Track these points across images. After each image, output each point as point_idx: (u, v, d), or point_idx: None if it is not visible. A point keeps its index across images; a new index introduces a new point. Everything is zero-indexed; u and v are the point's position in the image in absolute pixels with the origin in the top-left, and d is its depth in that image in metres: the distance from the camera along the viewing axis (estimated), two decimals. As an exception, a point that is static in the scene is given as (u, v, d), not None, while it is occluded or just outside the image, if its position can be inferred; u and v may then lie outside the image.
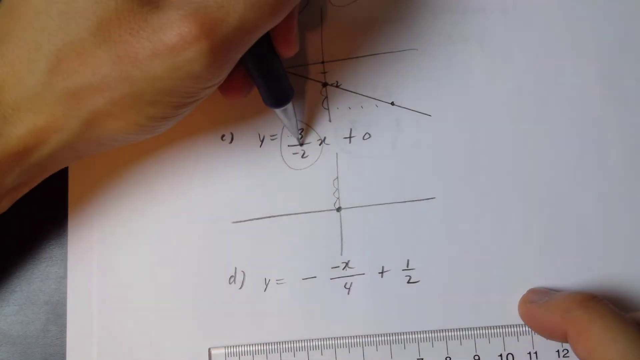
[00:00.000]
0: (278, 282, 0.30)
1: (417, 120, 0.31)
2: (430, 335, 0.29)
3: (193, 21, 0.21)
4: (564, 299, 0.26)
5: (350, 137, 0.31)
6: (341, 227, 0.30)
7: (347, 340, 0.29)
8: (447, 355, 0.29)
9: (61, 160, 0.25)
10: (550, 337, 0.27)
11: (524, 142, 0.30)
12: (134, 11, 0.22)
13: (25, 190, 0.27)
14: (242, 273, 0.30)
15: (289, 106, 0.29)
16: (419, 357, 0.29)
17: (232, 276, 0.30)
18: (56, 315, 0.31)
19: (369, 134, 0.31)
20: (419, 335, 0.29)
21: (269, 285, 0.30)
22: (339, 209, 0.30)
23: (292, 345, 0.29)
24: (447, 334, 0.29)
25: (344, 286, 0.30)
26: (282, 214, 0.30)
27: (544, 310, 0.27)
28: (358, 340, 0.29)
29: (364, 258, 0.30)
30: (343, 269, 0.30)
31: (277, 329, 0.30)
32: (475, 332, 0.29)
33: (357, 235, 0.30)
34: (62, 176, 0.31)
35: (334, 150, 0.31)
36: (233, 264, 0.30)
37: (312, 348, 0.29)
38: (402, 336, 0.29)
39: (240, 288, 0.30)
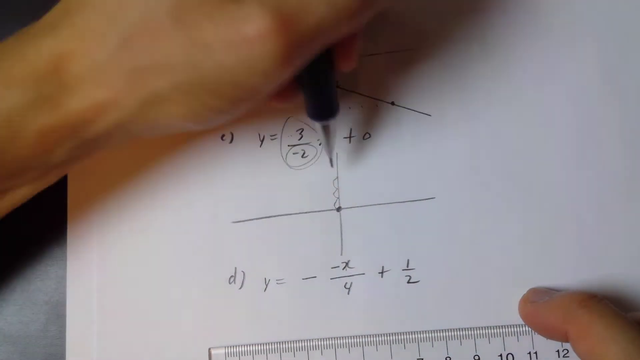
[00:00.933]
0: (278, 282, 0.30)
1: (417, 120, 0.31)
2: (430, 335, 0.29)
3: (273, 16, 0.21)
4: (564, 299, 0.26)
5: (350, 137, 0.31)
6: (341, 227, 0.30)
7: (347, 340, 0.29)
8: (447, 355, 0.29)
9: (113, 139, 0.25)
10: (550, 337, 0.27)
11: (523, 142, 0.30)
12: None
13: (72, 166, 0.27)
14: (242, 273, 0.30)
15: (332, 122, 0.27)
16: (419, 357, 0.29)
17: (232, 276, 0.30)
18: (56, 315, 0.31)
19: (369, 134, 0.31)
20: (419, 335, 0.29)
21: (269, 285, 0.30)
22: (339, 209, 0.30)
23: (292, 345, 0.29)
24: (447, 334, 0.29)
25: (344, 286, 0.30)
26: (282, 214, 0.30)
27: (545, 310, 0.27)
28: (358, 340, 0.29)
29: (364, 258, 0.30)
30: (343, 269, 0.30)
31: (277, 329, 0.30)
32: (475, 332, 0.29)
33: (357, 235, 0.30)
34: (62, 176, 0.31)
35: (334, 150, 0.31)
36: (233, 264, 0.30)
37: (312, 348, 0.29)
38: (402, 336, 0.29)
39: (240, 288, 0.30)
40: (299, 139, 0.31)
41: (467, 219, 0.30)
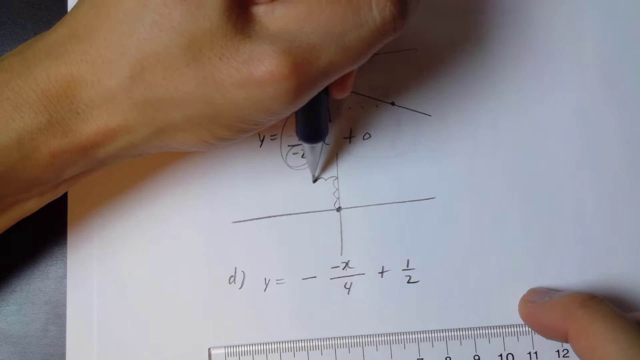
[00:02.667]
0: (278, 282, 0.30)
1: (417, 121, 0.31)
2: (430, 335, 0.29)
3: (285, 59, 0.21)
4: (564, 299, 0.26)
5: (350, 137, 0.31)
6: (341, 227, 0.30)
7: (347, 340, 0.29)
8: (447, 356, 0.29)
9: (123, 157, 0.26)
10: (550, 337, 0.27)
11: (523, 142, 0.30)
12: (228, 37, 0.21)
13: (83, 179, 0.27)
14: (242, 273, 0.30)
15: (319, 145, 0.28)
16: (419, 357, 0.29)
17: (232, 276, 0.30)
18: (56, 315, 0.30)
19: (369, 134, 0.31)
20: (419, 335, 0.29)
21: (269, 285, 0.30)
22: (339, 209, 0.30)
23: (292, 345, 0.29)
24: (447, 334, 0.29)
25: (344, 286, 0.30)
26: (282, 214, 0.30)
27: (545, 310, 0.27)
28: (358, 340, 0.29)
29: (364, 258, 0.30)
30: (343, 269, 0.30)
31: (277, 329, 0.30)
32: (475, 332, 0.29)
33: (357, 235, 0.30)
34: (62, 176, 0.31)
35: (334, 150, 0.31)
36: (233, 264, 0.30)
37: (312, 348, 0.29)
38: (402, 336, 0.29)
39: (240, 288, 0.30)
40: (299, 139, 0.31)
41: (467, 219, 0.30)
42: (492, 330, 0.29)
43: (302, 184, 0.31)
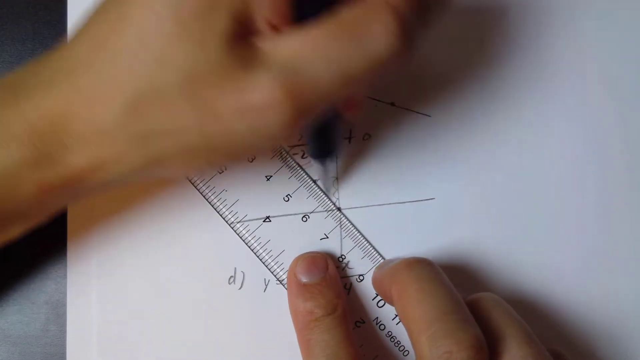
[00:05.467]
0: (278, 282, 0.30)
1: (416, 121, 0.31)
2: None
3: (282, 86, 0.21)
4: (397, 263, 0.26)
5: (349, 138, 0.31)
6: (341, 227, 0.30)
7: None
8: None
9: (112, 187, 0.25)
10: (386, 299, 0.28)
11: (523, 143, 0.30)
12: (224, 67, 0.21)
13: (66, 208, 0.26)
14: (242, 273, 0.30)
15: (330, 161, 0.28)
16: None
17: (232, 276, 0.30)
18: (56, 315, 0.31)
19: (369, 135, 0.31)
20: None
21: (268, 286, 0.30)
22: (339, 209, 0.30)
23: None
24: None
25: (344, 286, 0.30)
26: (282, 214, 0.30)
27: (382, 272, 0.27)
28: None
29: (364, 258, 0.30)
30: (343, 269, 0.30)
31: (277, 329, 0.30)
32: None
33: (357, 236, 0.30)
34: (62, 176, 0.31)
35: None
36: (233, 264, 0.30)
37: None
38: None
39: (240, 288, 0.30)
40: (299, 139, 0.31)
41: (467, 219, 0.30)
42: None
43: (302, 184, 0.31)
